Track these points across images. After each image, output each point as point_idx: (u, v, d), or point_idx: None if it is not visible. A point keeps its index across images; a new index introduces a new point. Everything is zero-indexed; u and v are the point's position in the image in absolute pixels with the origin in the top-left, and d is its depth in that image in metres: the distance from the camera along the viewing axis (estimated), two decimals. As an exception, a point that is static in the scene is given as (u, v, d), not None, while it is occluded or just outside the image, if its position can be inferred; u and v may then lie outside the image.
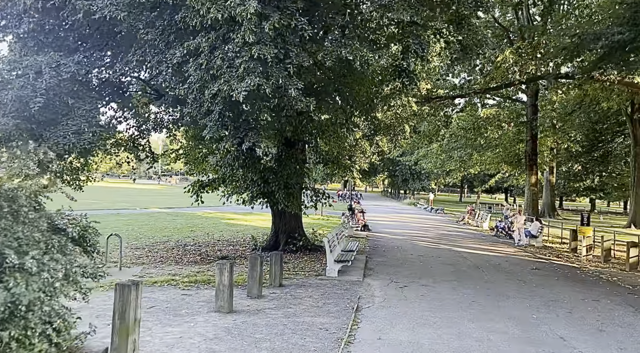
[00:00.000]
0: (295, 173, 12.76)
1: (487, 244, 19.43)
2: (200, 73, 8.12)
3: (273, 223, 14.96)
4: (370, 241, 18.77)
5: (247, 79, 7.56)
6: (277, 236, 14.74)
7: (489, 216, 28.97)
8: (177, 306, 7.80)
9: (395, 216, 35.03)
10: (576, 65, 19.22)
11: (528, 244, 19.26)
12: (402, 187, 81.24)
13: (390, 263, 13.25)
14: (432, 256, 15.13)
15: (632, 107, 32.71)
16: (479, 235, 23.46)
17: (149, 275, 10.31)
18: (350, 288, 9.74)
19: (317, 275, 10.96)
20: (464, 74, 22.09)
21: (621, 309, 8.67)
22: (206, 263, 12.19)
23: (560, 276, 12.18)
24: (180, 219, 24.90)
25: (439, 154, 35.02)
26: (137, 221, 22.87)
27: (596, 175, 55.90)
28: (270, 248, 14.49)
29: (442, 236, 21.78)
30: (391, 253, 15.53)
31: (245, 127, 8.84)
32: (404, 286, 10.12)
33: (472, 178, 71.49)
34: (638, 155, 32.87)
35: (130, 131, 13.62)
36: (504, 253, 16.80)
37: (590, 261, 15.24)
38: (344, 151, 19.60)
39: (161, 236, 17.54)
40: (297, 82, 7.96)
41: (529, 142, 31.46)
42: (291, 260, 13.03)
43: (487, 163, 34.27)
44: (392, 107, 18.51)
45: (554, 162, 38.02)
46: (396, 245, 17.83)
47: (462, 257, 15.15)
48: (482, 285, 10.50)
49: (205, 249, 14.70)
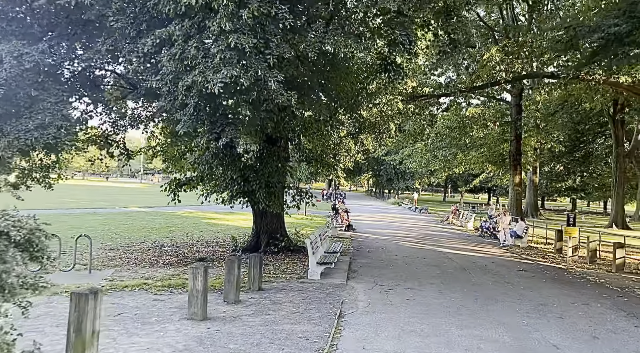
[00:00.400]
0: (277, 171, 12.27)
1: (472, 244, 19.20)
2: (173, 64, 7.59)
3: (254, 223, 14.45)
4: (355, 241, 18.38)
5: (223, 70, 7.06)
6: (259, 237, 14.23)
7: (473, 216, 28.85)
8: (147, 313, 7.26)
9: (379, 216, 34.74)
10: (562, 64, 19.10)
11: (513, 244, 19.08)
12: (386, 186, 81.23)
13: (375, 265, 12.85)
14: (417, 257, 14.79)
15: (614, 108, 32.94)
16: (464, 235, 23.26)
17: (120, 279, 9.72)
18: (333, 292, 9.30)
19: (299, 278, 10.50)
20: (450, 73, 21.85)
21: (612, 313, 8.39)
22: (183, 266, 11.63)
23: (547, 278, 11.92)
24: (160, 219, 24.19)
25: (423, 153, 34.83)
26: (114, 221, 22.12)
27: (577, 175, 56.52)
28: (251, 249, 13.99)
29: (426, 237, 21.51)
30: (375, 254, 15.15)
31: (222, 122, 8.34)
32: (389, 289, 9.72)
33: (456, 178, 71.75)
34: (620, 156, 33.13)
35: (104, 126, 12.95)
36: (489, 253, 16.56)
37: (576, 262, 15.07)
38: (328, 149, 19.17)
39: (138, 237, 16.88)
40: (278, 74, 7.48)
41: (513, 142, 31.43)
42: (272, 261, 12.55)
43: (471, 163, 34.19)
44: (378, 104, 18.13)
45: (537, 162, 38.17)
46: (380, 245, 17.47)
47: (448, 258, 14.84)
48: (469, 288, 10.16)
49: (183, 250, 14.12)
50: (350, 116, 16.57)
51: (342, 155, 20.05)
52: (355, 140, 18.36)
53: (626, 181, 35.44)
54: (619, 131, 33.19)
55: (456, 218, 30.65)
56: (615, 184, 33.33)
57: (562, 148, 34.80)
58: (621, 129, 33.30)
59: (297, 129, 12.57)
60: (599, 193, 57.65)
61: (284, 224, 14.81)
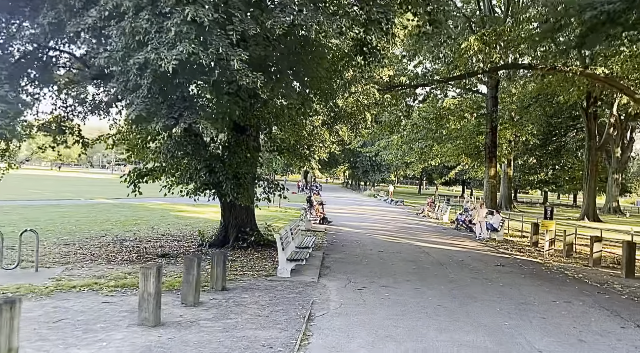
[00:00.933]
0: (246, 162, 11.53)
1: (448, 238, 18.85)
2: (124, 39, 6.75)
3: (222, 216, 13.68)
4: (329, 235, 17.79)
5: (179, 46, 6.28)
6: (227, 231, 13.48)
7: (448, 209, 28.65)
8: (93, 318, 6.47)
9: (355, 208, 34.31)
10: (540, 55, 18.82)
11: (489, 238, 18.82)
12: (362, 179, 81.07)
13: (349, 260, 12.27)
14: (393, 251, 14.29)
15: (587, 101, 33.19)
16: (440, 228, 22.96)
17: (69, 278, 8.86)
18: (304, 290, 8.66)
19: (267, 276, 9.82)
20: (428, 63, 21.38)
21: (595, 312, 7.99)
22: (143, 262, 10.79)
23: (526, 274, 11.55)
24: (126, 211, 23.12)
25: (399, 145, 34.48)
26: (77, 213, 20.97)
27: (550, 168, 57.46)
28: (218, 244, 13.26)
29: (402, 230, 21.10)
30: (350, 248, 14.59)
31: (180, 105, 7.52)
32: (363, 287, 9.14)
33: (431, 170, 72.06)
34: (592, 149, 33.43)
35: (57, 111, 11.91)
36: (466, 247, 16.21)
37: (552, 256, 14.83)
38: (302, 139, 18.47)
39: (99, 230, 15.91)
40: (242, 52, 6.72)
41: (489, 134, 31.34)
42: (241, 257, 11.83)
43: (447, 155, 34.04)
44: (354, 93, 17.49)
45: (511, 155, 38.31)
46: (355, 239, 16.92)
47: (424, 252, 14.39)
48: (446, 285, 9.67)
49: (146, 245, 13.24)
50: (325, 105, 15.90)
51: (316, 146, 19.36)
52: (330, 130, 17.71)
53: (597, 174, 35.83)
54: (591, 124, 33.48)
55: (432, 210, 30.43)
56: (587, 177, 33.69)
57: (536, 141, 34.90)
58: (594, 122, 33.61)
59: (268, 117, 11.81)
60: (570, 185, 58.74)
61: (254, 217, 14.08)
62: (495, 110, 31.32)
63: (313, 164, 20.32)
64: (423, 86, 21.80)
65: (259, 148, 13.28)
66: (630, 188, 74.52)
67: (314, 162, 20.16)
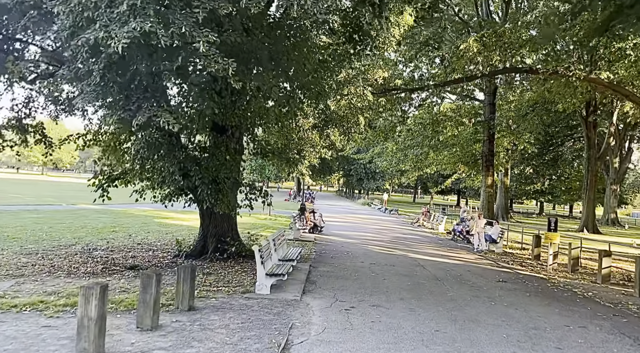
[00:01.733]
0: (225, 165, 10.49)
1: (444, 249, 17.83)
2: (71, 16, 5.73)
3: (201, 225, 12.61)
4: (319, 245, 16.73)
5: (132, 22, 5.27)
6: (206, 241, 12.40)
7: (444, 219, 27.67)
8: (23, 348, 5.39)
9: (348, 217, 33.26)
10: (542, 58, 17.98)
11: (488, 250, 17.82)
12: (356, 187, 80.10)
13: (338, 274, 11.22)
14: (386, 264, 13.25)
15: (587, 110, 32.47)
16: (435, 239, 21.94)
17: (15, 294, 7.75)
18: (283, 311, 7.60)
19: (244, 292, 8.75)
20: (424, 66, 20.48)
21: (616, 341, 6.98)
22: (108, 275, 9.72)
23: (531, 292, 10.53)
24: (107, 218, 21.98)
25: (394, 152, 33.54)
26: (53, 220, 19.80)
27: (546, 178, 56.73)
28: (196, 254, 12.18)
29: (396, 240, 20.07)
30: (340, 260, 13.53)
31: (140, 95, 6.49)
32: (351, 307, 8.09)
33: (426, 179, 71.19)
34: (591, 158, 32.63)
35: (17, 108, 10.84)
36: (464, 260, 15.20)
37: (557, 271, 13.84)
38: (291, 143, 17.48)
39: (71, 238, 14.78)
40: (210, 34, 5.72)
41: (486, 142, 30.51)
42: (218, 270, 10.76)
43: (443, 163, 33.11)
44: (346, 95, 16.55)
45: (509, 163, 37.45)
46: (346, 250, 15.87)
47: (419, 266, 13.36)
48: (445, 305, 8.64)
49: (117, 255, 12.13)
50: (316, 107, 14.95)
51: (307, 151, 18.36)
52: (320, 134, 16.71)
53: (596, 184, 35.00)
54: (591, 133, 32.71)
55: (427, 220, 29.43)
56: (587, 188, 32.85)
57: (534, 149, 34.06)
58: (593, 131, 32.85)
59: (251, 116, 10.79)
60: (567, 196, 57.99)
61: (236, 226, 13.01)
62: (492, 117, 30.51)
63: (303, 170, 19.32)
64: (419, 90, 20.91)
65: (241, 150, 12.25)
66: (626, 199, 74.01)
67: (303, 168, 19.17)
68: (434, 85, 20.78)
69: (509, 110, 32.51)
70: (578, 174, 53.28)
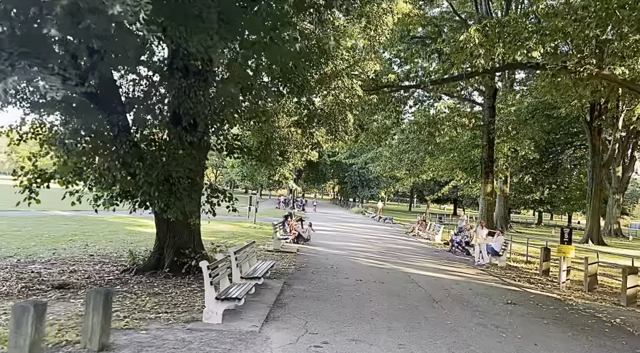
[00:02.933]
0: (178, 162, 8.66)
1: (442, 263, 15.99)
2: None
3: (157, 234, 10.74)
4: (301, 257, 14.86)
5: None
6: (162, 253, 10.52)
7: (441, 228, 25.86)
8: None
9: (339, 226, 31.39)
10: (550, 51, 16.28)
11: (490, 263, 16.02)
12: (351, 195, 78.26)
13: (315, 294, 9.36)
14: (374, 281, 11.40)
15: (591, 115, 30.88)
16: (432, 250, 20.09)
17: None
18: (231, 349, 5.75)
19: (189, 321, 6.87)
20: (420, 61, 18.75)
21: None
22: (25, 296, 7.83)
23: (548, 318, 8.70)
24: (73, 225, 20.04)
25: (388, 157, 31.79)
26: (8, 227, 17.84)
27: (546, 187, 55.02)
28: (149, 268, 10.31)
29: (389, 251, 18.21)
30: (321, 275, 11.67)
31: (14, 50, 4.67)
32: (323, 343, 6.25)
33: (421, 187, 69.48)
34: (596, 166, 30.97)
35: None
36: (464, 275, 13.37)
37: (571, 290, 12.04)
38: (272, 141, 15.69)
39: (14, 248, 12.86)
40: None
41: (486, 147, 28.82)
42: (170, 288, 8.90)
43: (440, 169, 31.33)
44: (333, 90, 14.77)
45: (508, 171, 35.73)
46: (332, 263, 14.01)
47: (413, 282, 11.52)
48: (444, 339, 6.80)
49: (54, 270, 10.22)
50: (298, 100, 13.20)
51: (290, 152, 16.55)
52: (303, 132, 14.90)
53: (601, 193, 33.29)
54: (595, 140, 31.08)
55: (423, 229, 27.60)
56: (591, 197, 31.13)
57: (536, 156, 32.38)
58: (598, 137, 31.20)
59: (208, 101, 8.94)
60: (567, 205, 56.30)
61: (199, 235, 11.13)
62: (492, 121, 28.85)
63: (286, 173, 17.49)
64: (414, 87, 19.19)
65: (205, 147, 10.40)
66: (626, 210, 72.45)
67: (286, 171, 17.34)
68: (430, 82, 19.04)
69: (509, 114, 30.85)
70: (578, 183, 51.68)
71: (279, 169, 16.62)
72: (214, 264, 7.36)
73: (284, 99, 13.57)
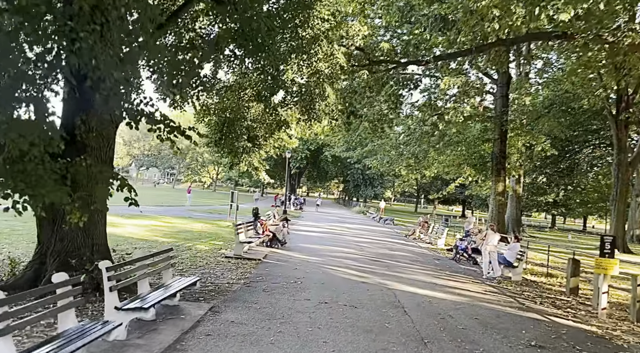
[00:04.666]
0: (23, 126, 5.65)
1: (442, 275, 12.85)
2: None
3: (38, 236, 7.78)
4: (263, 266, 11.85)
5: None
6: (44, 262, 7.57)
7: (445, 231, 22.69)
8: None
9: (333, 227, 28.33)
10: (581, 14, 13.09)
11: (502, 277, 12.90)
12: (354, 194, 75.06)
13: (244, 330, 6.34)
14: (345, 303, 8.34)
15: (617, 107, 27.48)
16: (432, 257, 16.94)
17: None
18: None
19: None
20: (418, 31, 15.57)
21: None
22: None
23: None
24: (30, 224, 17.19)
25: (387, 150, 28.64)
26: None
27: (561, 189, 51.42)
28: (23, 284, 7.33)
29: (379, 259, 15.11)
30: (274, 295, 8.63)
31: None
32: None
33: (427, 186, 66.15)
34: (622, 164, 27.54)
35: None
36: (468, 295, 10.25)
37: (613, 319, 8.90)
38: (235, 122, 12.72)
39: None
40: None
41: (497, 141, 25.54)
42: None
43: (446, 164, 28.06)
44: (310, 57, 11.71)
45: (522, 169, 32.37)
46: (299, 275, 10.97)
47: (398, 307, 8.45)
48: None
49: None
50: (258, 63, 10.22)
51: (261, 136, 13.53)
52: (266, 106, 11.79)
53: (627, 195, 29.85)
54: (622, 134, 27.63)
55: (424, 232, 24.44)
56: (616, 198, 27.69)
57: (554, 152, 29.07)
58: (625, 131, 27.77)
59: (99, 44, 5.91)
60: (584, 208, 52.71)
61: (104, 238, 8.14)
62: (505, 112, 25.59)
63: (255, 163, 14.45)
64: (415, 64, 16.04)
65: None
66: None
67: (255, 159, 14.32)
68: (434, 59, 15.90)
69: (524, 105, 27.54)
70: (595, 184, 48.17)
71: (245, 157, 13.57)
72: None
73: (238, 63, 10.59)
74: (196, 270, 10.47)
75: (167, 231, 17.84)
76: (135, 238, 14.96)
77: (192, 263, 11.40)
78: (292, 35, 11.00)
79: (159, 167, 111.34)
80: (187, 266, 10.93)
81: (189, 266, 10.89)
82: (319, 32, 11.59)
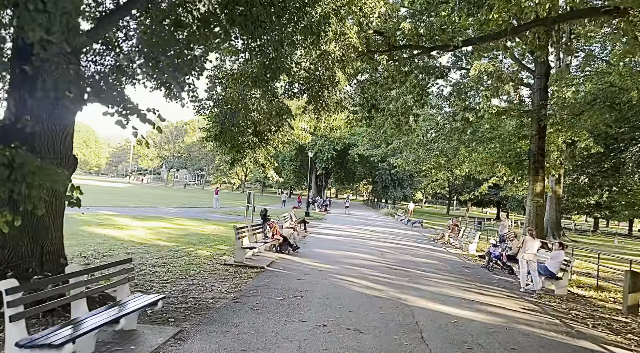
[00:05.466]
0: None
1: (471, 287, 11.09)
2: None
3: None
4: (263, 275, 10.42)
5: None
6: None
7: (477, 235, 20.75)
8: None
9: (356, 230, 26.72)
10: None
11: (543, 290, 11.06)
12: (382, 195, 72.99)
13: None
14: (349, 327, 6.79)
15: (672, 98, 24.74)
16: (461, 265, 15.13)
17: None
18: None
19: None
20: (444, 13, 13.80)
21: None
22: None
23: None
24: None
25: (414, 148, 26.78)
26: None
27: (605, 190, 48.03)
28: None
29: (400, 267, 13.45)
30: (264, 315, 7.17)
31: None
32: None
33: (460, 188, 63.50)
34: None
35: None
36: (503, 314, 8.50)
37: (693, 352, 7.02)
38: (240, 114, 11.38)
39: None
40: None
41: (535, 138, 23.33)
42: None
43: (478, 163, 25.97)
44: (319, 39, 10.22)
45: (562, 168, 29.86)
46: (303, 287, 9.48)
47: (414, 331, 6.83)
48: None
49: None
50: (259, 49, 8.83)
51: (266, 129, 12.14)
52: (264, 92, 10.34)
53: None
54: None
55: (454, 236, 22.52)
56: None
57: (600, 149, 26.56)
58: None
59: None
60: (631, 211, 49.00)
61: (60, 244, 6.88)
62: (544, 105, 23.41)
63: (260, 159, 13.06)
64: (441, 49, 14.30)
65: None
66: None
67: (261, 156, 12.94)
68: (462, 43, 14.13)
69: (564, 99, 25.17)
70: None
71: (248, 153, 12.19)
72: None
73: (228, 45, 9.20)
74: (183, 281, 9.13)
75: (173, 234, 16.69)
76: (134, 242, 13.84)
77: (183, 271, 10.08)
78: (298, 13, 9.56)
79: (189, 169, 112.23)
80: (174, 275, 9.61)
81: (176, 276, 9.56)
82: (327, 9, 10.11)
